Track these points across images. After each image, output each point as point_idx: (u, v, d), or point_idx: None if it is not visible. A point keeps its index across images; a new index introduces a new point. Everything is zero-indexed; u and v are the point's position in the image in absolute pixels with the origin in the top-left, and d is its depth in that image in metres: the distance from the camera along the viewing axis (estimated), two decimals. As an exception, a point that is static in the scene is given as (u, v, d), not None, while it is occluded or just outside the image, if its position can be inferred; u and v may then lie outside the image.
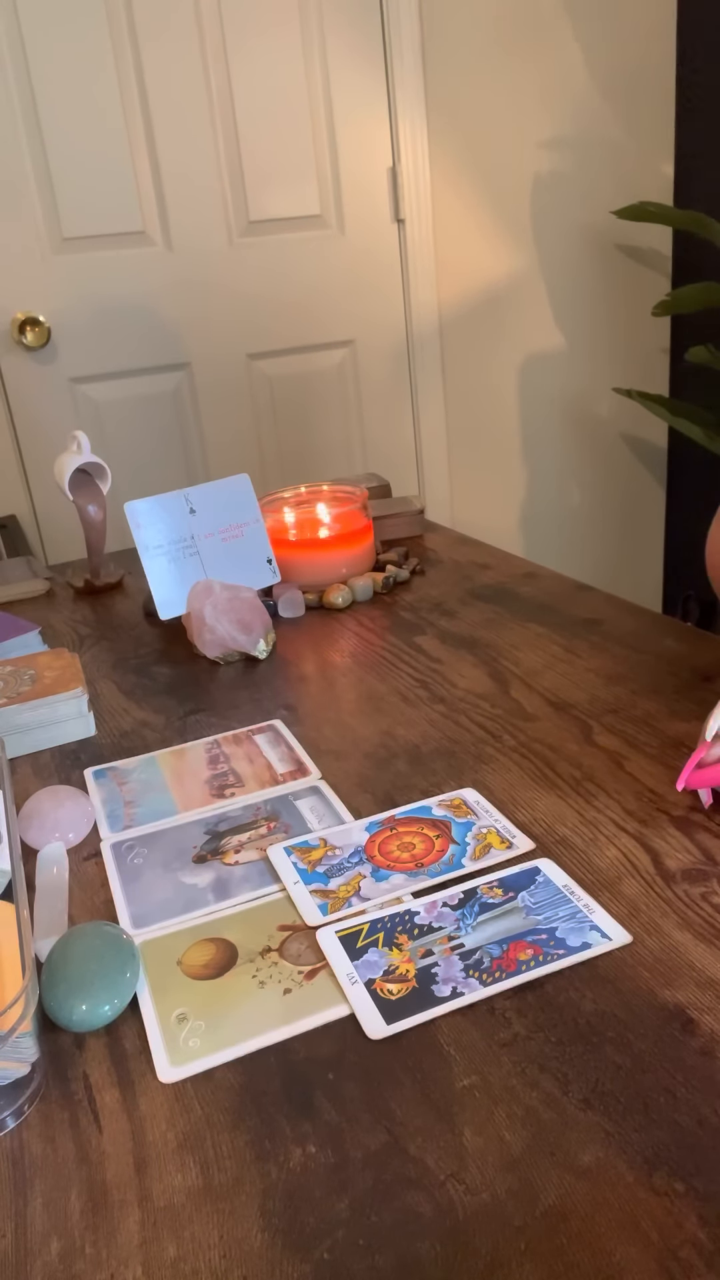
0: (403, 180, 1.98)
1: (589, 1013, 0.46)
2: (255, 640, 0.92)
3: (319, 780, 0.71)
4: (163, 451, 1.99)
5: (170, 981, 0.52)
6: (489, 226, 2.09)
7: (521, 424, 2.28)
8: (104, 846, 0.65)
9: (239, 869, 0.61)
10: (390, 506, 1.28)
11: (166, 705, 0.86)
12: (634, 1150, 0.39)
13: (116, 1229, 0.39)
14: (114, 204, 1.80)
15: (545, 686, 0.81)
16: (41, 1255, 0.38)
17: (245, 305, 1.95)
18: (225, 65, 1.80)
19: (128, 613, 1.12)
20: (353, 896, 0.57)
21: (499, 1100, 0.42)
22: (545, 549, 2.41)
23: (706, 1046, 0.44)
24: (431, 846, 0.61)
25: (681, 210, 2.01)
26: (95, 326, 1.86)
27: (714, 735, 0.61)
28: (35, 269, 1.78)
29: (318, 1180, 0.40)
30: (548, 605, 0.99)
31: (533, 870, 0.57)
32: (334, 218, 1.97)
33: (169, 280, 1.88)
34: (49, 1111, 0.45)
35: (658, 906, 0.53)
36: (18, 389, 1.84)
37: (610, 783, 0.66)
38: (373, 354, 2.09)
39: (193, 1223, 0.39)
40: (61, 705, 0.79)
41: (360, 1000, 0.49)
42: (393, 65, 1.91)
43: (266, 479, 2.08)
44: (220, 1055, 0.46)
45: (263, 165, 1.88)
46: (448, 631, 0.96)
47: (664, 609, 2.59)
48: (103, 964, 0.49)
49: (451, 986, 0.49)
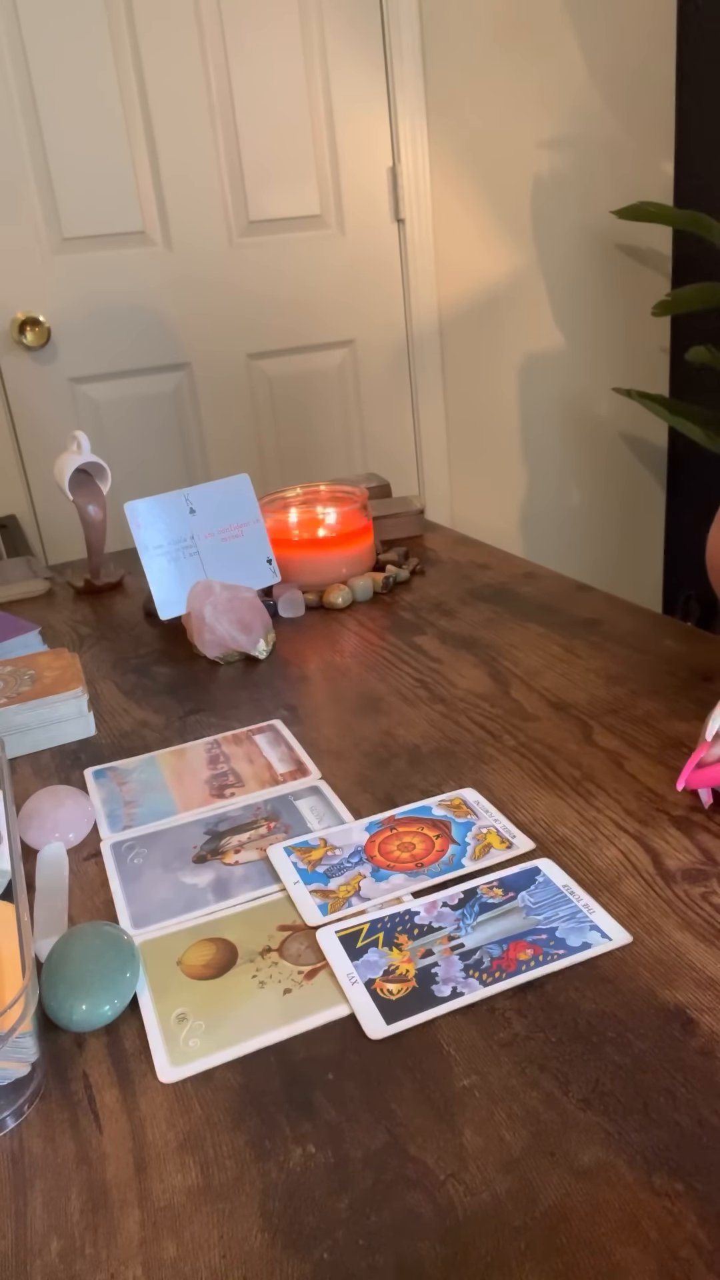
0: (403, 180, 1.98)
1: (589, 1013, 0.46)
2: (255, 640, 0.92)
3: (319, 780, 0.71)
4: (163, 451, 1.99)
5: (170, 981, 0.52)
6: (489, 226, 2.09)
7: (521, 424, 2.28)
8: (104, 846, 0.65)
9: (239, 869, 0.61)
10: (390, 506, 1.28)
11: (166, 705, 0.86)
12: (634, 1150, 0.39)
13: (116, 1229, 0.39)
14: (114, 204, 1.80)
15: (545, 686, 0.81)
16: (41, 1255, 0.38)
17: (245, 305, 1.95)
18: (225, 65, 1.80)
19: (128, 613, 1.12)
20: (353, 896, 0.57)
21: (499, 1100, 0.42)
22: (545, 549, 2.41)
23: (706, 1046, 0.44)
24: (431, 846, 0.61)
25: (681, 210, 2.01)
26: (95, 326, 1.86)
27: (714, 735, 0.61)
28: (35, 269, 1.78)
29: (318, 1180, 0.40)
30: (548, 605, 0.99)
31: (533, 870, 0.57)
32: (334, 217, 1.97)
33: (169, 280, 1.88)
34: (49, 1111, 0.45)
35: (658, 906, 0.53)
36: (18, 389, 1.84)
37: (610, 783, 0.66)
38: (373, 354, 2.09)
39: (193, 1223, 0.39)
40: (61, 705, 0.79)
41: (360, 1000, 0.49)
42: (393, 65, 1.91)
43: (266, 479, 2.08)
44: (220, 1055, 0.46)
45: (263, 165, 1.88)
46: (448, 631, 0.96)
47: (664, 609, 2.59)
48: (103, 964, 0.49)
49: (451, 986, 0.49)
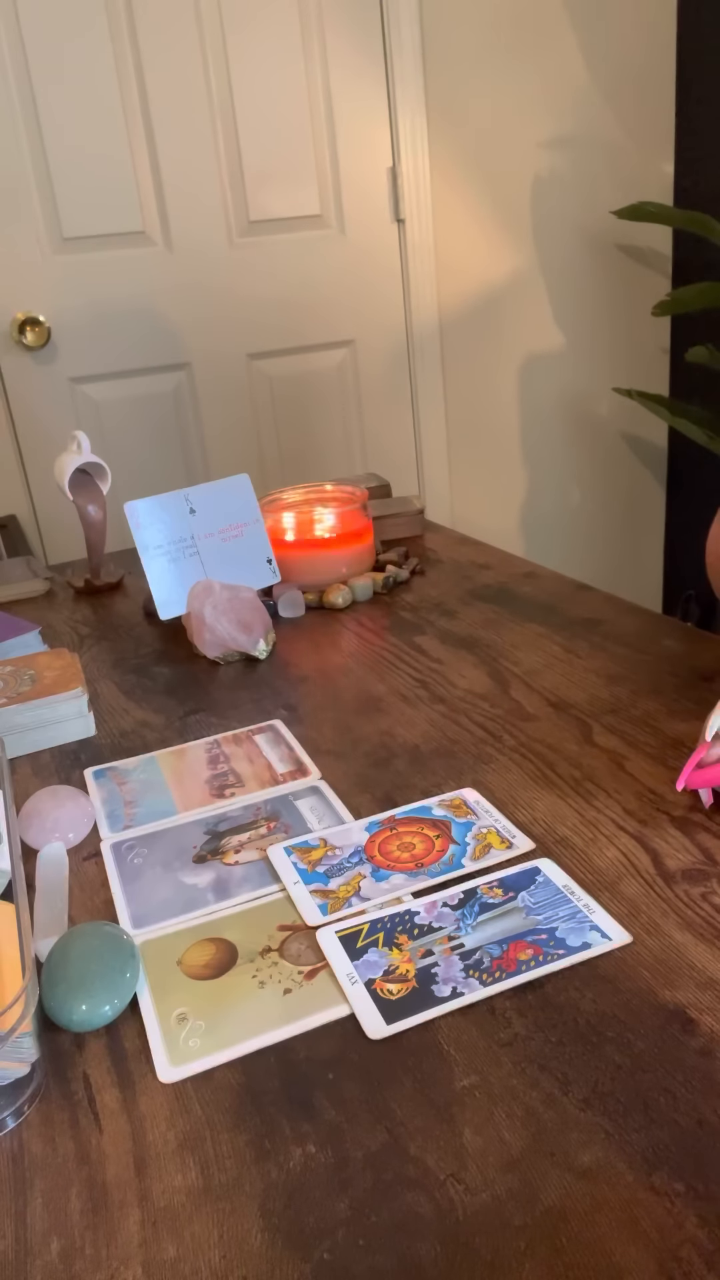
0: (403, 180, 1.98)
1: (589, 1013, 0.46)
2: (255, 640, 0.92)
3: (319, 780, 0.71)
4: (163, 451, 1.99)
5: (170, 981, 0.52)
6: (489, 226, 2.09)
7: (521, 424, 2.28)
8: (104, 846, 0.65)
9: (239, 869, 0.61)
10: (390, 506, 1.28)
11: (166, 705, 0.86)
12: (634, 1150, 0.39)
13: (116, 1229, 0.39)
14: (114, 204, 1.80)
15: (545, 686, 0.81)
16: (41, 1255, 0.38)
17: (245, 305, 1.95)
18: (225, 65, 1.80)
19: (128, 613, 1.12)
20: (353, 896, 0.57)
21: (499, 1100, 0.42)
22: (545, 549, 2.41)
23: (706, 1046, 0.44)
24: (431, 846, 0.61)
25: (681, 210, 2.01)
26: (95, 326, 1.86)
27: (714, 735, 0.61)
28: (35, 269, 1.78)
29: (318, 1180, 0.40)
30: (548, 605, 0.99)
31: (533, 870, 0.57)
32: (334, 218, 1.97)
33: (169, 280, 1.88)
34: (49, 1111, 0.45)
35: (658, 906, 0.53)
36: (18, 389, 1.84)
37: (610, 783, 0.66)
38: (373, 354, 2.09)
39: (193, 1223, 0.39)
40: (61, 705, 0.79)
41: (360, 1000, 0.49)
42: (393, 65, 1.91)
43: (266, 479, 2.08)
44: (220, 1055, 0.46)
45: (263, 165, 1.88)
46: (448, 631, 0.96)
47: (664, 609, 2.59)
48: (103, 964, 0.49)
49: (451, 986, 0.49)
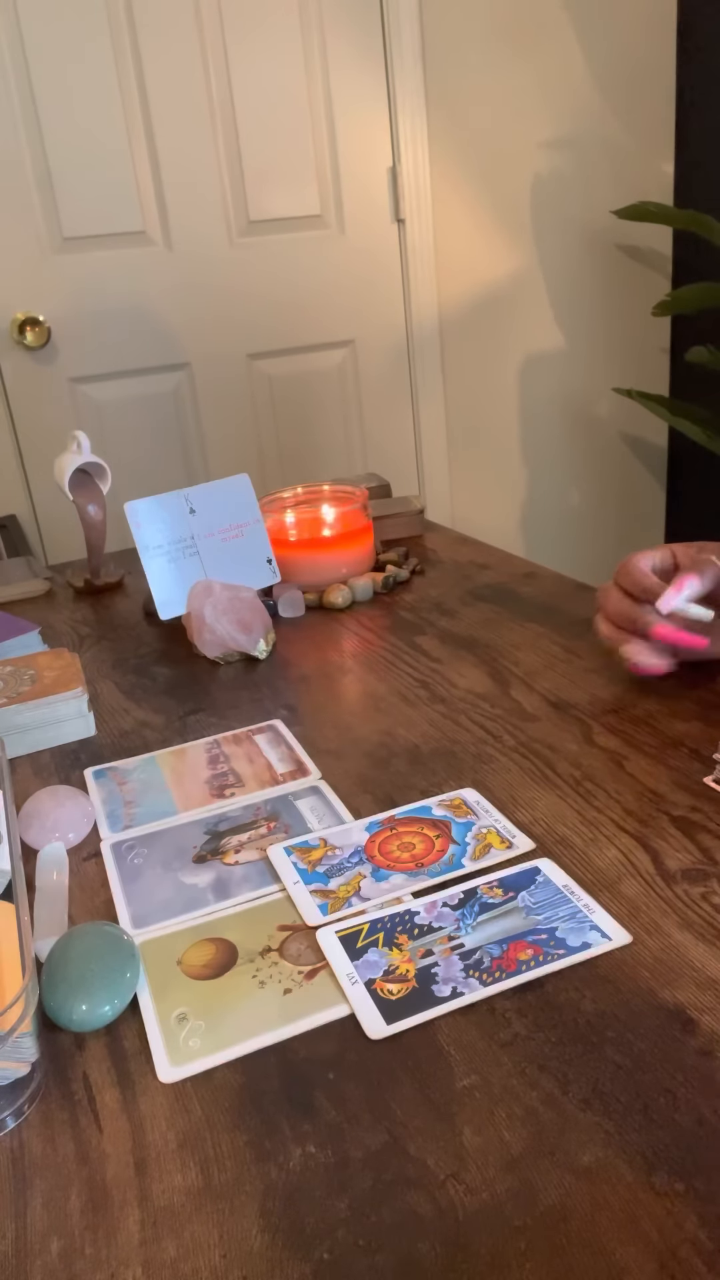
0: (403, 180, 1.98)
1: (589, 1013, 0.46)
2: (255, 640, 0.92)
3: (319, 780, 0.71)
4: (163, 451, 1.99)
5: (170, 981, 0.52)
6: (489, 226, 2.09)
7: (521, 424, 2.28)
8: (104, 846, 0.65)
9: (239, 869, 0.61)
10: (390, 506, 1.28)
11: (166, 705, 0.86)
12: (634, 1150, 0.39)
13: (116, 1229, 0.39)
14: (114, 204, 1.80)
15: (545, 686, 0.81)
16: (41, 1255, 0.38)
17: (245, 305, 1.95)
18: (225, 65, 1.80)
19: (128, 613, 1.12)
20: (353, 896, 0.57)
21: (499, 1100, 0.42)
22: (545, 549, 2.41)
23: (706, 1046, 0.44)
24: (431, 846, 0.61)
25: (681, 210, 2.01)
26: (95, 326, 1.86)
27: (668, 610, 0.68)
28: (35, 269, 1.78)
29: (318, 1180, 0.40)
30: (548, 605, 0.99)
31: (533, 870, 0.57)
32: (334, 218, 1.97)
33: (169, 280, 1.88)
34: (49, 1111, 0.45)
35: (658, 906, 0.53)
36: (18, 389, 1.84)
37: (610, 783, 0.66)
38: (373, 354, 2.09)
39: (192, 1223, 0.38)
40: (61, 705, 0.79)
41: (360, 1000, 0.49)
42: (393, 65, 1.91)
43: (266, 479, 2.08)
44: (220, 1055, 0.46)
45: (263, 165, 1.88)
46: (448, 631, 0.96)
47: (664, 609, 2.59)
48: (103, 964, 0.49)
49: (451, 986, 0.49)
